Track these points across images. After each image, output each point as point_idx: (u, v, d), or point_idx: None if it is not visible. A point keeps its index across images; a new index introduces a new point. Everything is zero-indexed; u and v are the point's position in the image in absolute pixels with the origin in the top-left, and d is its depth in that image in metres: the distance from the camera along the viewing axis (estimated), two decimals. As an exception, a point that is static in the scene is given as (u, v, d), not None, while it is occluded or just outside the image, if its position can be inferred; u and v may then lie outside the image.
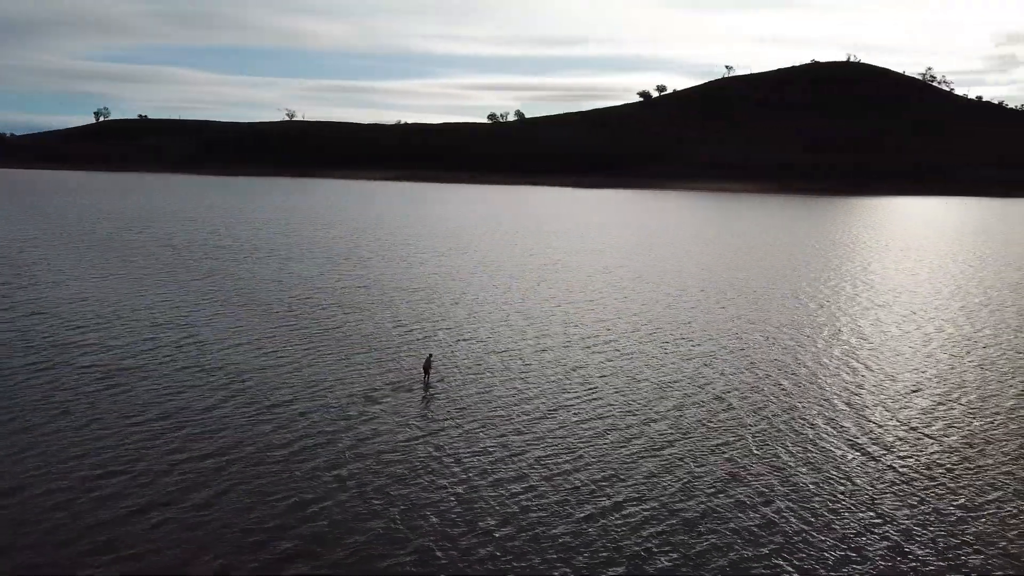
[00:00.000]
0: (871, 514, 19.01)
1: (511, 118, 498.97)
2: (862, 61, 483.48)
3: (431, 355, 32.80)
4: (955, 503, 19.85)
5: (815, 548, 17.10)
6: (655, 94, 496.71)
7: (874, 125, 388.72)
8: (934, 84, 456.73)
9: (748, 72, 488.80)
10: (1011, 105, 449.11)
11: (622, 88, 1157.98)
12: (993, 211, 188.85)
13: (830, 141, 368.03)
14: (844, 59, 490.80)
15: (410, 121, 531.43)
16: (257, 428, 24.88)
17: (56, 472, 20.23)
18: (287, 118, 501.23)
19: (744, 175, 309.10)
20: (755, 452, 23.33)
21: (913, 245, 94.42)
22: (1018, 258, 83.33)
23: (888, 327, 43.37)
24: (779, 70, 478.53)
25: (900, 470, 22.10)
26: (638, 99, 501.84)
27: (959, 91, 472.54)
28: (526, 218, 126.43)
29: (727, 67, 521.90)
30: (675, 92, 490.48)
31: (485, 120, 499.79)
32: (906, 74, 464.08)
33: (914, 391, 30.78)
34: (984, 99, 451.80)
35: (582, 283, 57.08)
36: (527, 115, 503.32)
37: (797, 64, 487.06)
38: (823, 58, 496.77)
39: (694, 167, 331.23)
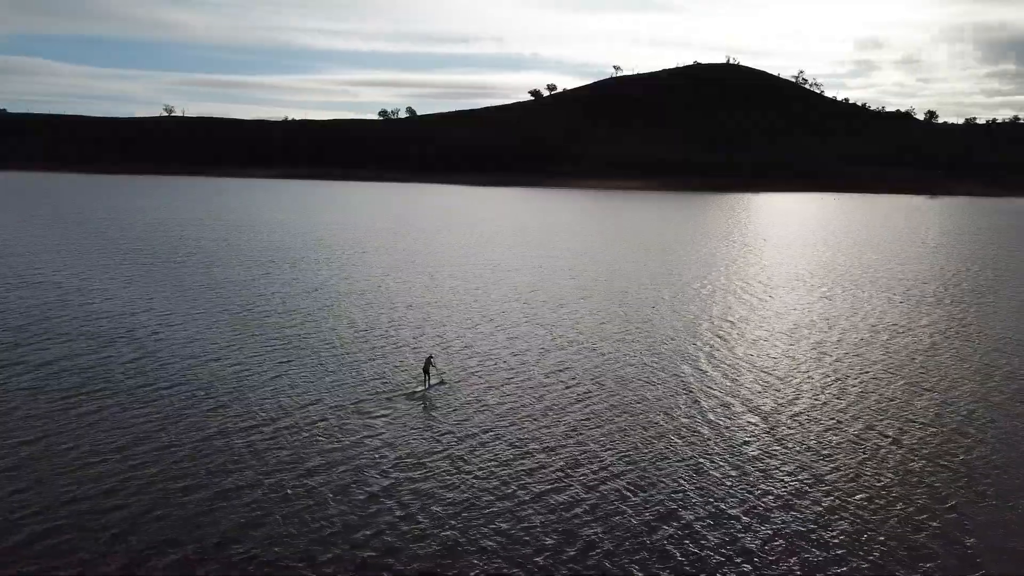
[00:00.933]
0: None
1: (403, 115, 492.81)
2: (741, 64, 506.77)
3: (431, 356, 31.96)
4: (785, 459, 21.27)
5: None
6: (546, 93, 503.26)
7: (753, 124, 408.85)
8: (806, 86, 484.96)
9: (635, 72, 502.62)
10: (873, 107, 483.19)
11: (511, 87, 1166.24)
12: (863, 206, 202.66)
13: (713, 140, 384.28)
14: (724, 61, 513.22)
15: (297, 118, 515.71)
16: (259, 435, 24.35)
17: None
18: (165, 113, 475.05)
19: (637, 173, 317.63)
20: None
21: (776, 236, 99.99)
22: (872, 247, 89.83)
23: (755, 308, 45.82)
24: (664, 71, 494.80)
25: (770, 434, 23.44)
26: (530, 98, 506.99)
27: (828, 93, 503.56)
28: (438, 219, 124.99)
29: (615, 67, 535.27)
30: (566, 91, 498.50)
31: (376, 117, 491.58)
32: (781, 76, 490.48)
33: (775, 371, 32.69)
34: (850, 101, 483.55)
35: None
36: (418, 112, 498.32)
37: (680, 65, 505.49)
38: (704, 60, 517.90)
39: (588, 165, 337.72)
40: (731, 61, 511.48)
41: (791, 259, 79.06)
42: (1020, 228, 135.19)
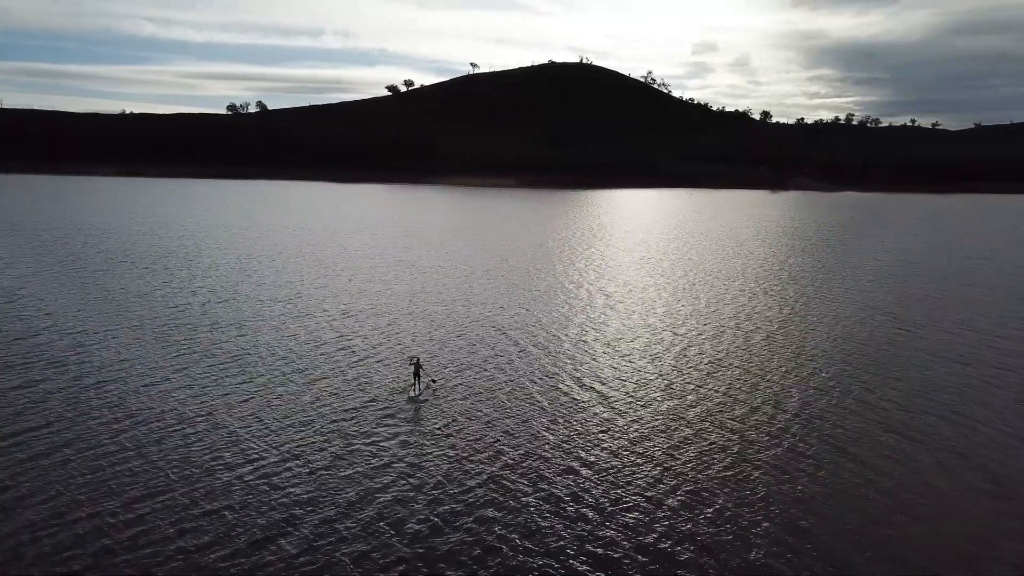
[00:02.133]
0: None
1: (252, 109, 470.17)
2: (593, 63, 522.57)
3: (418, 358, 29.74)
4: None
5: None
6: (403, 88, 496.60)
7: (608, 123, 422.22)
8: (655, 86, 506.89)
9: (493, 70, 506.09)
10: (714, 107, 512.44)
11: (362, 82, 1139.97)
12: (715, 200, 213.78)
13: (569, 138, 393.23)
14: (578, 60, 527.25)
15: (136, 111, 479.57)
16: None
17: None
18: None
19: (497, 170, 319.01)
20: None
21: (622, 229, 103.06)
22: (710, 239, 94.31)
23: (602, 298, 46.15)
24: (520, 69, 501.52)
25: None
26: (387, 93, 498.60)
27: (675, 93, 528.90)
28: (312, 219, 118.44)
29: (472, 64, 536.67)
30: (423, 87, 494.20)
31: (224, 112, 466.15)
32: (631, 76, 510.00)
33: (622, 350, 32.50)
34: (695, 100, 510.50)
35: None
36: (269, 107, 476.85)
37: (536, 64, 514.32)
38: (558, 59, 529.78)
39: (449, 162, 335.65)
40: (584, 61, 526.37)
41: (664, 253, 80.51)
42: (856, 218, 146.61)
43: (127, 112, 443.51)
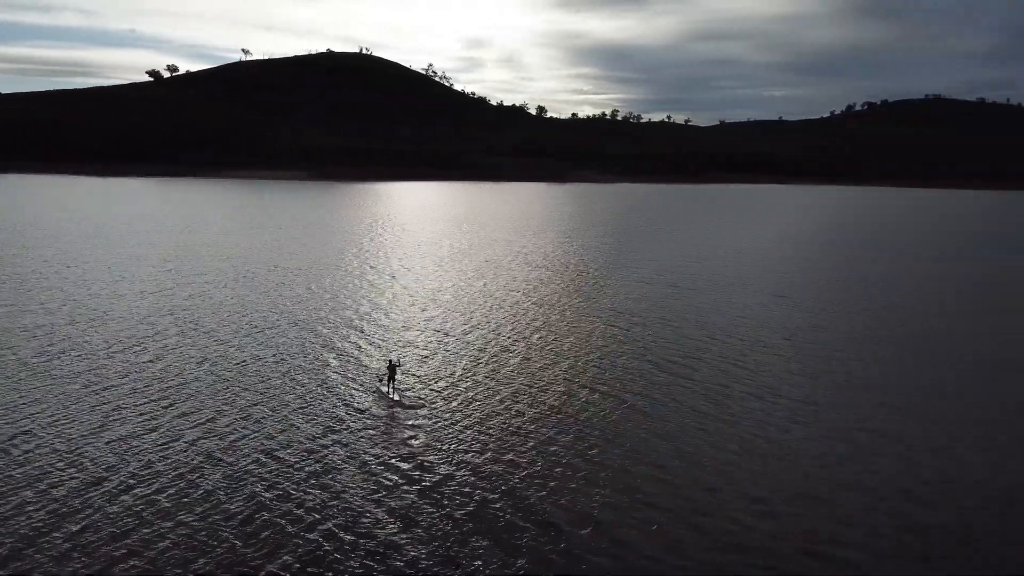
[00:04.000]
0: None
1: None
2: (374, 54, 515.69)
3: (392, 360, 28.81)
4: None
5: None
6: (167, 74, 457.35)
7: (396, 114, 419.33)
8: (437, 79, 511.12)
9: (268, 57, 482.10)
10: (492, 100, 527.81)
11: (112, 65, 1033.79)
12: (503, 192, 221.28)
13: (363, 130, 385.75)
14: (357, 51, 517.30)
15: None
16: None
17: None
18: None
19: (290, 163, 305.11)
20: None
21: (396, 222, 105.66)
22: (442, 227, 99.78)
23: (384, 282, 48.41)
24: (298, 57, 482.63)
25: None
26: (147, 79, 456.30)
27: (457, 87, 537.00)
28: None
29: (243, 51, 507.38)
30: (192, 73, 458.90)
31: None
32: (413, 68, 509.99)
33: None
34: (476, 95, 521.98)
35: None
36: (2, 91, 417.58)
37: (313, 52, 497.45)
38: (336, 49, 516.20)
39: (235, 154, 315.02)
40: (364, 51, 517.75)
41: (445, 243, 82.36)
42: (637, 207, 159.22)
43: None
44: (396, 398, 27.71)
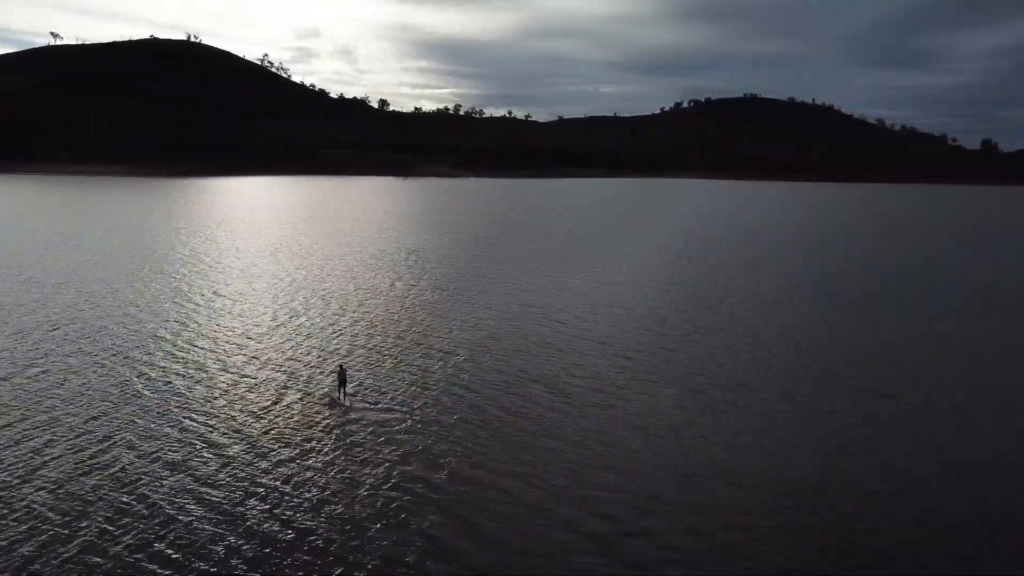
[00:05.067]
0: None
1: None
2: (203, 42, 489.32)
3: (342, 365, 29.10)
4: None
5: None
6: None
7: (228, 106, 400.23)
8: (272, 69, 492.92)
9: (84, 42, 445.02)
10: (332, 94, 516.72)
11: None
12: (347, 186, 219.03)
13: (189, 120, 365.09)
14: (184, 38, 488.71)
15: None
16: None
17: None
18: None
19: (112, 157, 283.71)
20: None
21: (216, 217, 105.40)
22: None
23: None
24: (119, 43, 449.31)
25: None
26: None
27: (295, 78, 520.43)
28: None
29: (53, 34, 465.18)
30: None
31: None
32: (246, 58, 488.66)
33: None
34: (315, 87, 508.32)
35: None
36: None
37: (136, 38, 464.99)
38: (160, 35, 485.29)
39: (48, 148, 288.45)
40: (193, 39, 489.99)
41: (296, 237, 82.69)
42: (480, 201, 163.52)
43: None
44: (348, 404, 28.27)
